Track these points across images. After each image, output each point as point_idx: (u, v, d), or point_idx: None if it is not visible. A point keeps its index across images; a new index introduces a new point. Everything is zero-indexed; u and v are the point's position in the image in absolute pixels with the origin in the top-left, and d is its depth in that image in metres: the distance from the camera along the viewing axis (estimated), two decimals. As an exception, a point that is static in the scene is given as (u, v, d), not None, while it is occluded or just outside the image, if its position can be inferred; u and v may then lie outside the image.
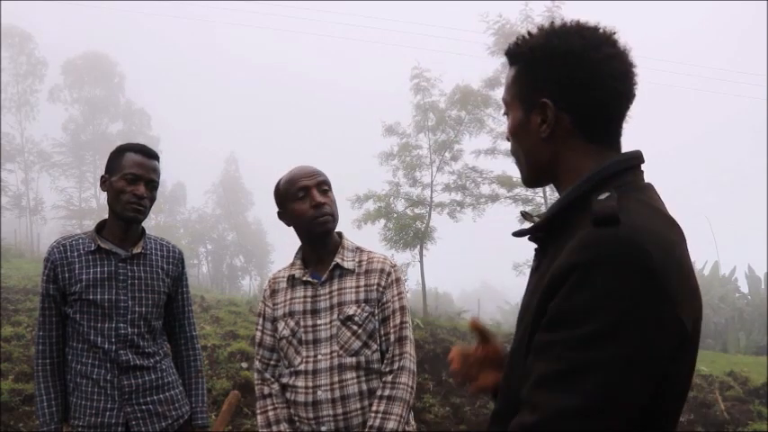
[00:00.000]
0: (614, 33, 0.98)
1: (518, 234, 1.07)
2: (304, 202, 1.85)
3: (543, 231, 1.01)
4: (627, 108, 1.00)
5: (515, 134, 1.05)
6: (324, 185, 1.88)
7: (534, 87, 0.99)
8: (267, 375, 1.93)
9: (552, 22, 1.02)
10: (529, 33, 1.03)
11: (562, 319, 0.83)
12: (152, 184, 2.05)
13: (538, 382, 0.84)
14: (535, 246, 1.06)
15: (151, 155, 2.06)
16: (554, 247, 0.95)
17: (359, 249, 1.95)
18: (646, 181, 1.00)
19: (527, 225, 1.08)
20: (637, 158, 0.99)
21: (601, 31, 0.98)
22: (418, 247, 13.15)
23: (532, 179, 1.08)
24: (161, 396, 2.07)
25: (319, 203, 1.84)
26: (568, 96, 0.97)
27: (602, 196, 0.91)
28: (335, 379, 1.80)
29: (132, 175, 2.00)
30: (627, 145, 1.03)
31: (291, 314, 1.89)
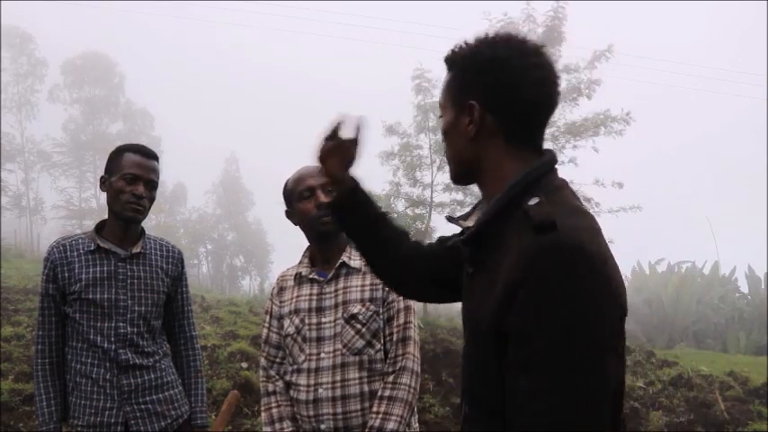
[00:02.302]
0: (542, 47, 1.07)
1: (458, 243, 1.14)
2: (309, 201, 1.87)
3: (476, 239, 1.06)
4: (549, 114, 1.07)
5: (447, 134, 1.13)
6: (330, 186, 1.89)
7: (464, 90, 1.07)
8: (272, 373, 1.94)
9: (486, 33, 1.09)
10: (465, 42, 1.10)
11: (533, 332, 0.89)
12: (151, 184, 2.05)
13: (533, 397, 0.88)
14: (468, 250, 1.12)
15: (150, 155, 2.06)
16: (492, 254, 1.01)
17: None
18: (561, 178, 1.07)
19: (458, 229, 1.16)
20: (553, 160, 1.07)
21: (529, 43, 1.06)
22: (418, 247, 13.11)
23: (459, 177, 1.15)
24: (160, 395, 2.07)
25: (323, 204, 1.84)
26: (493, 99, 1.04)
27: (533, 202, 0.98)
28: (338, 377, 1.80)
29: (131, 176, 2.00)
30: (629, 145, 1.05)
31: (297, 311, 1.89)
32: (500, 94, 1.03)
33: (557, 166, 1.07)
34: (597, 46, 12.03)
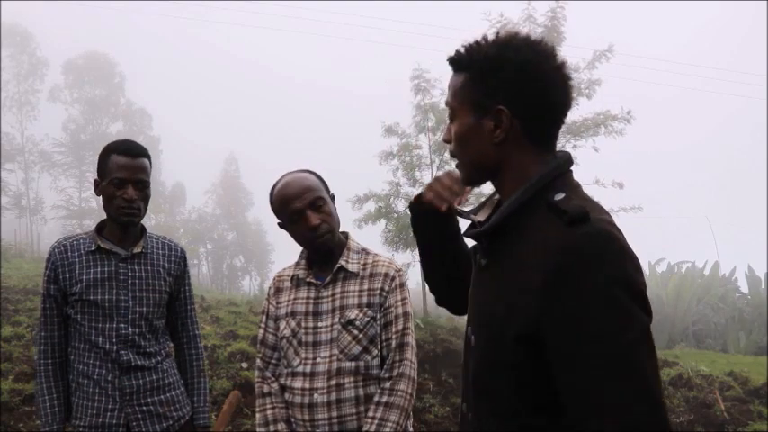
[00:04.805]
0: (555, 48, 1.07)
1: (469, 235, 1.14)
2: (300, 225, 1.82)
3: (497, 230, 1.06)
4: (566, 115, 1.08)
5: (463, 138, 1.09)
6: (318, 201, 1.81)
7: (488, 94, 1.04)
8: (267, 374, 1.93)
9: (498, 33, 1.07)
10: (476, 42, 1.07)
11: (583, 321, 0.90)
12: (141, 184, 2.00)
13: (599, 391, 0.88)
14: (475, 243, 1.13)
15: (136, 153, 2.00)
16: (513, 245, 1.02)
17: (364, 251, 1.93)
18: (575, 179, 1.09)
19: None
20: (570, 160, 1.08)
21: (546, 44, 1.06)
22: (418, 247, 13.09)
23: (475, 180, 1.15)
24: (162, 397, 2.07)
25: (314, 226, 1.80)
26: (521, 103, 1.03)
27: (559, 197, 1.00)
28: (333, 382, 1.78)
29: (118, 180, 1.96)
30: (629, 145, 1.06)
31: (293, 314, 1.88)
32: (528, 99, 1.02)
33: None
34: (597, 46, 12.03)
